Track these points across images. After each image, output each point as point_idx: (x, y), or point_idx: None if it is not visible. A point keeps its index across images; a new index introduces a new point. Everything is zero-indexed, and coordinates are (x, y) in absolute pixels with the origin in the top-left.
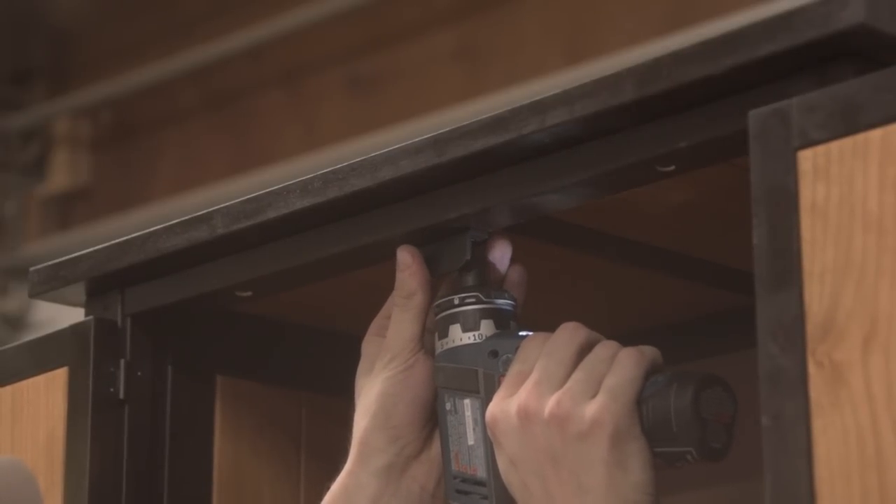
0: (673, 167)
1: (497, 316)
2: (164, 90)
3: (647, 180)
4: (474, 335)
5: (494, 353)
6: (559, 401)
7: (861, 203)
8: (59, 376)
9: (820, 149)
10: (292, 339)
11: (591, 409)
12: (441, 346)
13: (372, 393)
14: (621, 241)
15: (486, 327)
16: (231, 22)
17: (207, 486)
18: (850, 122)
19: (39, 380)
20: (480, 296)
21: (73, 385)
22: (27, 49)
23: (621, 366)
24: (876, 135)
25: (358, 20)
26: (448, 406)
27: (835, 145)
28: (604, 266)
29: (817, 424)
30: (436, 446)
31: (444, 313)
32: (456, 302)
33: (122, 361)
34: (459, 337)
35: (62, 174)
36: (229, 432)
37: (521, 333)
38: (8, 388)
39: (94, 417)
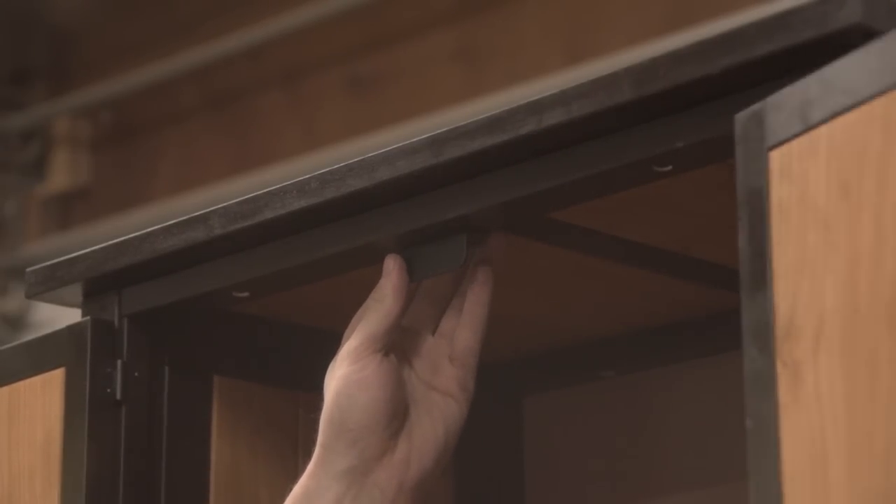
0: (670, 167)
1: None
2: (164, 90)
3: (644, 180)
4: None
5: None
6: None
7: (813, 201)
8: (56, 377)
9: (784, 148)
10: (290, 339)
11: None
12: None
13: (330, 391)
14: (620, 241)
15: None
16: (231, 22)
17: (205, 486)
18: (804, 120)
19: (36, 380)
20: None
21: (69, 386)
22: (27, 49)
23: None
24: (822, 131)
25: (358, 20)
26: None
27: (794, 144)
28: (603, 266)
29: (784, 425)
30: (399, 450)
31: None
32: None
33: (119, 362)
34: None
35: (62, 174)
36: (226, 433)
37: None
38: (5, 389)
39: (91, 418)
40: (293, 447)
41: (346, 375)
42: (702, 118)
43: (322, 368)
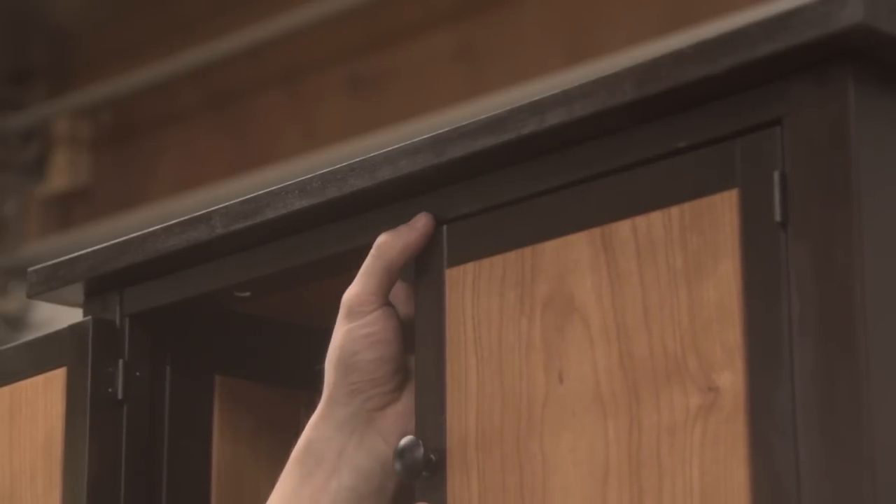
0: None
1: None
2: (164, 90)
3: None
4: None
5: None
6: None
7: None
8: (58, 376)
9: None
10: (291, 339)
11: None
12: None
13: (334, 344)
14: None
15: None
16: (231, 22)
17: (206, 486)
18: None
19: (38, 380)
20: None
21: (71, 385)
22: (27, 49)
23: None
24: None
25: (358, 20)
26: None
27: None
28: None
29: None
30: (403, 402)
31: None
32: None
33: (121, 362)
34: None
35: (62, 174)
36: (228, 433)
37: None
38: (6, 389)
39: (92, 417)
40: (294, 446)
41: (350, 331)
42: (704, 118)
43: (323, 368)
